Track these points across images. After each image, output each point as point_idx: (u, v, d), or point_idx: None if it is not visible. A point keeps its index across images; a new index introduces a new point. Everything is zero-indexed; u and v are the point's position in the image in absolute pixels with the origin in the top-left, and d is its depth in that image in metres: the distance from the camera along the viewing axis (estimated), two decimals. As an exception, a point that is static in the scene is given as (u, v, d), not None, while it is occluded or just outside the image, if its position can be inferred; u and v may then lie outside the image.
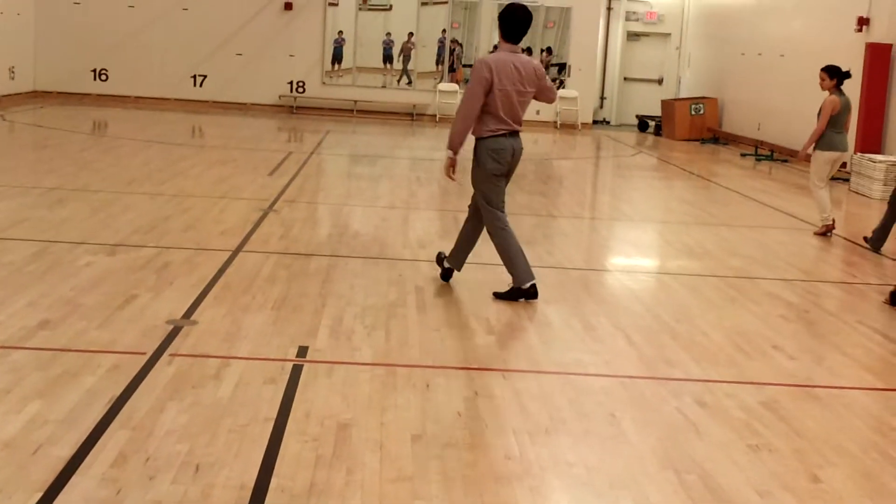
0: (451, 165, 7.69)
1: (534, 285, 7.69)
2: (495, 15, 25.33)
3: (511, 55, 7.57)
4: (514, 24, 7.52)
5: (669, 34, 26.96)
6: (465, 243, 8.05)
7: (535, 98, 7.75)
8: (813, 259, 10.43)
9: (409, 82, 25.15)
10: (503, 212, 7.82)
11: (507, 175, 7.79)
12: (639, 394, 5.79)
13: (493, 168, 7.63)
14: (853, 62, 14.50)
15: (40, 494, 4.01)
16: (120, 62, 24.01)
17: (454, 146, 7.62)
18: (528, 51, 24.13)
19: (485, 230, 7.91)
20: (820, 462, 4.92)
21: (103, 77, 24.15)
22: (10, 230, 8.99)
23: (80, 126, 19.15)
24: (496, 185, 7.73)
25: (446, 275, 8.13)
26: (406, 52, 25.33)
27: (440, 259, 8.22)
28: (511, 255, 7.74)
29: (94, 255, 8.21)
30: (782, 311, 7.93)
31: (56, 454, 4.39)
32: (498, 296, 7.70)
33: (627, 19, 27.17)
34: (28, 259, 7.95)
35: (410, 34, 25.26)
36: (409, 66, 25.29)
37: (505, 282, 7.77)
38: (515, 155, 7.71)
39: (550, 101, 7.89)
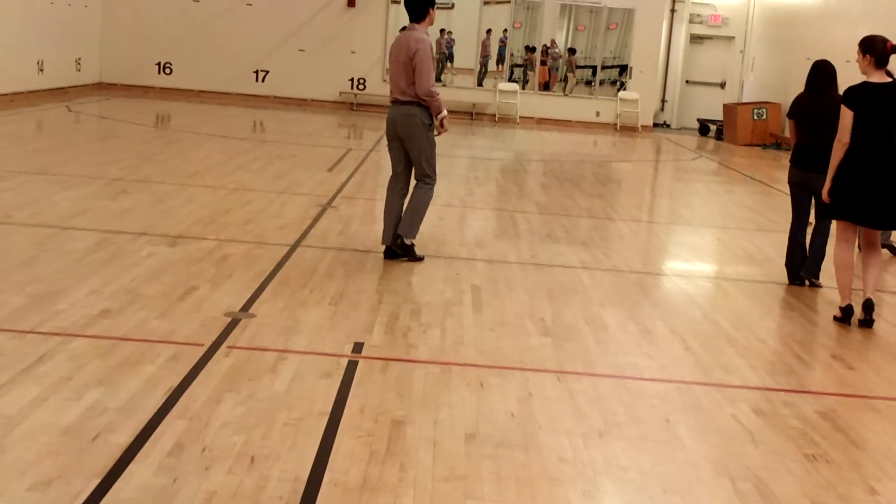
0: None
1: (387, 248, 8.54)
2: (558, 14, 25.43)
3: (406, 32, 8.43)
4: (407, 5, 8.40)
5: (733, 37, 26.68)
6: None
7: None
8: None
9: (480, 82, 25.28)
10: (392, 175, 8.64)
11: (396, 140, 8.47)
12: (694, 400, 5.75)
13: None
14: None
15: (98, 481, 4.07)
16: (184, 56, 24.27)
17: None
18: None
19: (419, 200, 8.57)
20: (878, 474, 4.85)
21: (167, 71, 24.43)
22: (73, 219, 9.13)
23: (144, 118, 19.40)
24: (389, 148, 8.66)
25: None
26: (485, 51, 25.33)
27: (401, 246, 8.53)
28: (384, 216, 8.62)
29: (156, 246, 8.31)
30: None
31: (114, 442, 4.45)
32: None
33: (691, 22, 26.94)
34: (90, 248, 8.07)
35: (489, 31, 25.23)
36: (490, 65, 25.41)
37: (572, 281, 7.73)
38: (396, 124, 8.40)
39: (419, 87, 8.24)
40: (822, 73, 8.82)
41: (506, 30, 25.52)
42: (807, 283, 8.78)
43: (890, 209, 7.52)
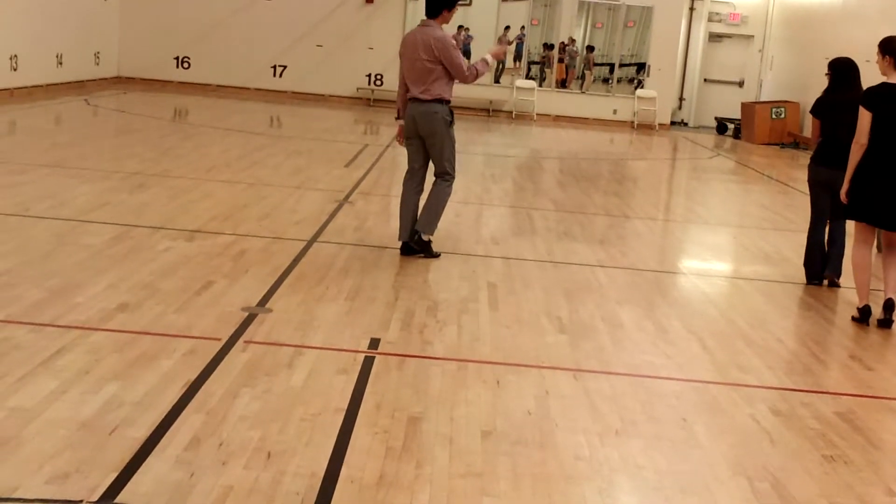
0: (398, 132, 8.80)
1: (403, 244, 8.52)
2: (575, 12, 25.36)
3: (421, 28, 8.44)
4: (426, 1, 8.41)
5: (752, 36, 26.58)
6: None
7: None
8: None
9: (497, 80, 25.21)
10: (408, 171, 8.64)
11: (416, 138, 8.46)
12: (711, 399, 5.73)
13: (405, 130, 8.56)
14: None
15: (116, 474, 4.08)
16: (202, 51, 24.34)
17: (397, 111, 8.73)
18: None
19: (431, 195, 8.60)
20: (896, 476, 4.83)
21: (186, 65, 24.49)
22: (91, 213, 9.15)
23: (162, 112, 19.45)
24: (407, 145, 8.59)
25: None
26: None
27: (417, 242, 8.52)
28: (400, 212, 8.62)
29: (173, 241, 8.33)
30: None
31: (132, 435, 4.46)
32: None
33: (710, 20, 26.85)
34: (108, 242, 8.10)
35: (507, 28, 25.15)
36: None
37: (588, 278, 7.73)
38: (417, 122, 8.39)
39: (459, 79, 8.48)
40: (847, 69, 8.75)
41: (523, 27, 25.49)
42: (825, 282, 8.74)
43: None
